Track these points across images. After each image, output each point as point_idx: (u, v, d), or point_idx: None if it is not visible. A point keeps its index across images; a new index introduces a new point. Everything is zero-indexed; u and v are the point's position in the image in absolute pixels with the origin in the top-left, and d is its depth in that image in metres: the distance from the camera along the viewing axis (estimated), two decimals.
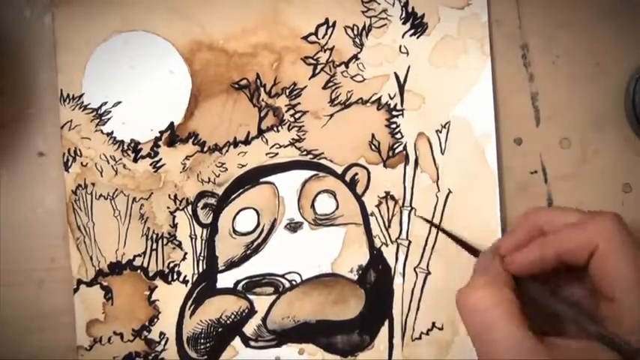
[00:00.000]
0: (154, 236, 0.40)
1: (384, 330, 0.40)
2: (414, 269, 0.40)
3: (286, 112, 0.40)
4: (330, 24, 0.39)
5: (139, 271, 0.40)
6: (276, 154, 0.40)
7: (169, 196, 0.40)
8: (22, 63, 0.41)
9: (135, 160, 0.39)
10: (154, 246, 0.40)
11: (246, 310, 0.40)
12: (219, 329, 0.40)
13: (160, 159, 0.39)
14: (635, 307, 0.30)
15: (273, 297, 0.40)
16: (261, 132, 0.40)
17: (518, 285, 0.33)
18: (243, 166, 0.40)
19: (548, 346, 0.30)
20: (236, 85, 0.39)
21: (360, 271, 0.40)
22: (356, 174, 0.40)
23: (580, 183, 0.41)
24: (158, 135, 0.39)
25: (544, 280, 0.34)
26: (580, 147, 0.41)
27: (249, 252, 0.40)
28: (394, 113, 0.40)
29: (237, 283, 0.40)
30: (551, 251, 0.33)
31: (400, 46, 0.39)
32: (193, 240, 0.40)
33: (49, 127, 0.41)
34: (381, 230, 0.40)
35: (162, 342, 0.40)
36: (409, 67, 0.39)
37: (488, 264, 0.35)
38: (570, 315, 0.32)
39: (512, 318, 0.31)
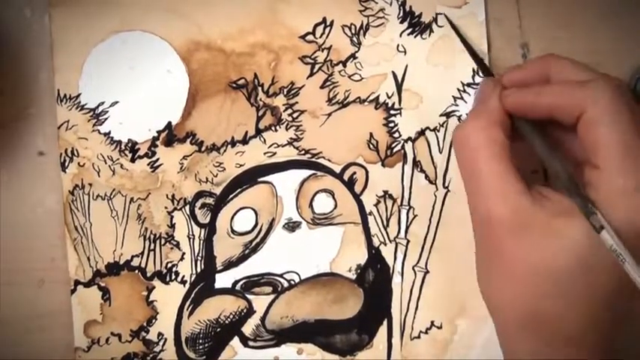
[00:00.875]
0: (152, 236, 0.39)
1: (383, 329, 0.40)
2: (413, 268, 0.40)
3: (284, 111, 0.39)
4: (328, 23, 0.39)
5: (136, 271, 0.39)
6: (274, 153, 0.40)
7: (167, 196, 0.39)
8: (22, 63, 0.41)
9: (132, 160, 0.39)
10: (152, 246, 0.39)
11: (245, 310, 0.39)
12: (218, 329, 0.39)
13: (158, 159, 0.39)
14: (614, 177, 0.30)
15: (272, 297, 0.39)
16: (259, 131, 0.39)
17: (513, 123, 0.33)
18: (241, 165, 0.40)
19: (532, 191, 0.31)
20: (234, 85, 0.39)
21: (359, 271, 0.40)
22: (354, 173, 0.40)
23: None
24: (156, 135, 0.39)
25: (545, 130, 0.34)
26: None
27: (247, 252, 0.40)
28: (392, 112, 0.39)
29: (235, 283, 0.39)
30: (544, 101, 0.33)
31: (398, 45, 0.39)
32: (191, 240, 0.40)
33: (48, 126, 0.40)
34: (380, 229, 0.40)
35: (161, 342, 0.39)
36: (407, 66, 0.39)
37: (488, 93, 0.34)
38: (551, 162, 0.32)
39: (498, 157, 0.31)
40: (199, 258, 0.40)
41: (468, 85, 0.39)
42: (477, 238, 0.34)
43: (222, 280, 0.40)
